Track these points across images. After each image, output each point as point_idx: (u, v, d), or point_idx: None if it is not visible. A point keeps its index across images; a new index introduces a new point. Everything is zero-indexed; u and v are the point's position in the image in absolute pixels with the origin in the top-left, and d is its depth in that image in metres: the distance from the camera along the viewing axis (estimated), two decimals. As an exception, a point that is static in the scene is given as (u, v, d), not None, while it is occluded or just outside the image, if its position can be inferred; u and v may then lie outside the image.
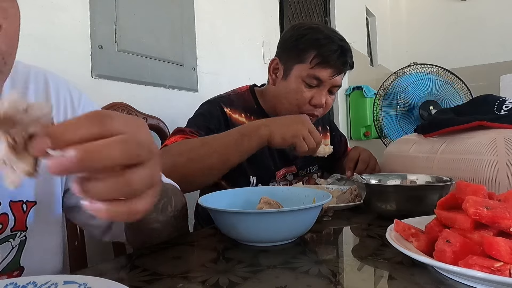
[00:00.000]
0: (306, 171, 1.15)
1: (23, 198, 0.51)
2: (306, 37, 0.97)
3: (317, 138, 0.82)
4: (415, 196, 0.65)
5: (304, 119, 0.85)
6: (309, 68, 0.96)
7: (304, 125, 0.82)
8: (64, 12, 1.03)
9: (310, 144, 0.81)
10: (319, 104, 0.99)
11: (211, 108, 1.01)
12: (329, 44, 0.95)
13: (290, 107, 1.00)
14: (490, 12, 3.99)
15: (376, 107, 1.66)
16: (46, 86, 0.55)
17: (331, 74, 0.96)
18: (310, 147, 0.81)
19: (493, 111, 0.84)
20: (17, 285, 0.35)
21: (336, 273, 0.43)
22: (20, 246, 0.51)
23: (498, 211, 0.38)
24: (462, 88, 1.53)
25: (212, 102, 1.03)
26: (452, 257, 0.37)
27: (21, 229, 0.51)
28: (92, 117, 0.26)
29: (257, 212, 0.53)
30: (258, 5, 2.00)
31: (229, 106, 1.02)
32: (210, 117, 0.97)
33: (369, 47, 3.89)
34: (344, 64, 0.97)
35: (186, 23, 1.48)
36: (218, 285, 0.40)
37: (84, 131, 0.25)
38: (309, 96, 0.98)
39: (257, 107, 1.07)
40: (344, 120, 3.15)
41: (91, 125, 0.26)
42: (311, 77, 0.96)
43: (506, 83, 2.04)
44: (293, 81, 0.98)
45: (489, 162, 0.69)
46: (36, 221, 0.52)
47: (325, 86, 0.98)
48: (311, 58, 0.95)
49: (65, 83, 0.58)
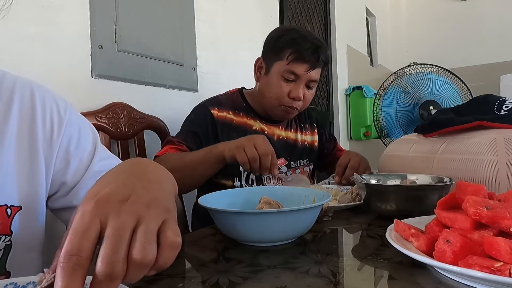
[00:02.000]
0: (297, 164, 1.21)
1: (7, 202, 0.50)
2: (283, 37, 1.08)
3: (262, 149, 0.84)
4: (415, 196, 0.65)
5: (254, 136, 0.90)
6: (286, 64, 1.06)
7: (251, 140, 0.87)
8: (64, 12, 1.03)
9: (250, 155, 0.83)
10: (297, 97, 1.08)
11: (198, 112, 1.13)
12: (303, 43, 1.05)
13: (271, 100, 1.11)
14: (490, 12, 3.99)
15: (376, 107, 1.66)
16: (31, 97, 0.55)
17: (306, 69, 1.06)
18: (250, 157, 0.83)
19: (493, 111, 0.84)
20: (17, 285, 0.35)
21: (336, 273, 0.43)
22: (5, 251, 0.51)
23: (498, 211, 0.38)
24: (462, 88, 1.53)
25: (201, 106, 1.14)
26: (452, 257, 0.37)
27: (6, 233, 0.50)
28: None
29: (257, 212, 0.53)
30: (258, 5, 2.00)
31: (216, 106, 1.12)
32: (198, 122, 1.10)
33: (369, 47, 3.89)
34: (317, 60, 1.07)
35: (186, 23, 1.48)
36: (218, 285, 0.40)
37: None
38: (287, 90, 1.08)
39: (246, 105, 1.17)
40: (344, 120, 3.15)
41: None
42: (288, 72, 1.06)
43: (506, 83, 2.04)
44: (273, 77, 1.09)
45: (489, 162, 0.69)
46: (21, 226, 0.52)
47: (302, 81, 1.08)
48: (287, 55, 1.06)
49: (51, 94, 0.58)
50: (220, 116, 1.11)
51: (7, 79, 0.55)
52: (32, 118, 0.54)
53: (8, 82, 0.54)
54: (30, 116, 0.54)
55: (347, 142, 3.15)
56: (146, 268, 0.28)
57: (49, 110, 0.56)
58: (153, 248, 0.28)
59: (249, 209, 0.61)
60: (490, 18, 3.97)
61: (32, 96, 0.55)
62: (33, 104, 0.55)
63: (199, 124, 1.09)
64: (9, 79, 0.55)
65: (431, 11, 4.36)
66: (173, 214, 0.33)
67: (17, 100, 0.54)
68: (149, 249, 0.28)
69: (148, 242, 0.28)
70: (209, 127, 1.09)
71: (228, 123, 1.11)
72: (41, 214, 0.56)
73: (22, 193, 0.52)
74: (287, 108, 1.11)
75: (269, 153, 0.85)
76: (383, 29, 4.22)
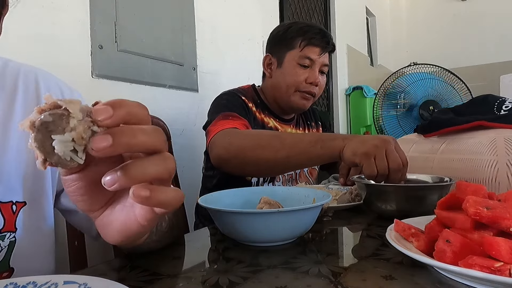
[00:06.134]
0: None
1: (12, 199, 0.50)
2: (291, 29, 1.12)
3: (393, 162, 0.67)
4: (415, 196, 0.65)
5: (388, 138, 0.71)
6: (299, 51, 1.10)
7: (382, 147, 0.68)
8: (64, 12, 1.03)
9: (380, 168, 0.67)
10: (315, 82, 1.11)
11: (232, 98, 1.08)
12: (311, 29, 1.11)
13: (288, 89, 1.11)
14: (490, 12, 3.99)
15: (376, 107, 1.66)
16: (36, 84, 0.54)
17: (319, 53, 1.11)
18: (379, 171, 0.67)
19: (493, 111, 0.84)
20: (17, 285, 0.35)
21: (336, 273, 0.43)
22: (9, 247, 0.50)
23: (498, 211, 0.38)
24: (462, 88, 1.53)
25: (230, 94, 1.11)
26: (452, 257, 0.37)
27: (11, 230, 0.50)
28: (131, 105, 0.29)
29: (257, 212, 0.53)
30: (258, 5, 2.00)
31: (244, 96, 1.11)
32: (238, 104, 1.06)
33: (369, 47, 3.89)
34: (328, 43, 1.12)
35: (186, 23, 1.48)
36: (218, 285, 0.40)
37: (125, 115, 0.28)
38: (305, 76, 1.11)
39: (260, 101, 1.17)
40: (344, 120, 3.15)
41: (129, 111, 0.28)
42: (303, 57, 1.10)
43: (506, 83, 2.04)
44: (288, 66, 1.11)
45: (489, 162, 0.69)
46: (26, 222, 0.51)
47: (317, 65, 1.11)
48: (299, 43, 1.10)
49: (56, 82, 0.57)
50: (249, 106, 1.10)
51: (11, 67, 0.53)
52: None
53: (12, 71, 0.53)
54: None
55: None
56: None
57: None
58: None
59: (249, 209, 0.61)
60: (490, 18, 3.97)
61: (36, 85, 0.54)
62: (38, 94, 0.54)
63: (239, 107, 1.04)
64: (13, 67, 0.54)
65: (431, 11, 4.36)
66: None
67: (21, 91, 0.53)
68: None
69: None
70: (247, 112, 1.05)
71: (253, 116, 1.10)
72: (48, 211, 0.55)
73: (27, 188, 0.51)
74: (304, 94, 1.11)
75: (401, 168, 0.68)
76: (383, 29, 4.22)
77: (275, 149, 0.79)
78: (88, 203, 0.33)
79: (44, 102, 0.27)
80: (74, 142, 0.26)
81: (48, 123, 0.26)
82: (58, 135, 0.26)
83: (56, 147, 0.26)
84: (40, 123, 0.26)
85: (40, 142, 0.26)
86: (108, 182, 0.27)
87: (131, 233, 0.33)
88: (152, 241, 0.48)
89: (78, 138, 0.26)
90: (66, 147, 0.26)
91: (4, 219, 0.49)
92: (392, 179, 0.68)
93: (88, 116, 0.27)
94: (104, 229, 0.35)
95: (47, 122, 0.26)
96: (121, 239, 0.34)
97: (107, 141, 0.26)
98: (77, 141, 0.26)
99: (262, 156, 0.80)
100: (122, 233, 0.33)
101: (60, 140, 0.26)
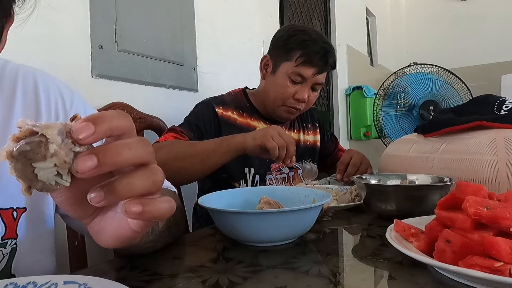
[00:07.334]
0: (300, 163, 1.20)
1: (13, 205, 0.49)
2: (294, 38, 1.07)
3: (286, 138, 0.86)
4: (415, 196, 0.65)
5: (274, 127, 0.91)
6: (294, 66, 1.06)
7: (274, 129, 0.87)
8: (64, 12, 1.03)
9: (279, 142, 0.84)
10: (302, 99, 1.09)
11: (203, 108, 1.11)
12: (313, 46, 1.05)
13: (275, 100, 1.11)
14: (490, 11, 3.98)
15: (376, 107, 1.66)
16: (35, 86, 0.53)
17: (313, 73, 1.07)
18: (279, 144, 0.84)
19: (493, 111, 0.84)
20: (17, 285, 0.35)
21: (336, 273, 0.43)
22: (11, 254, 0.49)
23: (498, 211, 0.38)
24: (462, 88, 1.53)
25: (206, 103, 1.13)
26: (452, 257, 0.37)
27: (12, 237, 0.49)
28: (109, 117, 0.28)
29: (257, 212, 0.53)
30: (258, 5, 2.00)
31: (221, 105, 1.11)
32: (202, 117, 1.08)
33: (369, 47, 3.89)
34: (326, 64, 1.07)
35: (186, 23, 1.48)
36: (218, 285, 0.40)
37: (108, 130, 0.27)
38: (293, 91, 1.09)
39: (249, 105, 1.17)
40: (344, 120, 3.15)
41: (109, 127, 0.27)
42: (296, 74, 1.07)
43: (507, 83, 2.04)
44: (280, 77, 1.09)
45: (489, 162, 0.69)
46: (27, 228, 0.51)
47: (308, 83, 1.09)
48: (296, 57, 1.06)
49: (55, 84, 0.56)
50: (224, 115, 1.10)
51: (9, 69, 0.53)
52: (36, 113, 0.52)
53: (11, 72, 0.53)
54: (34, 111, 0.52)
55: (347, 142, 3.15)
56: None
57: (54, 104, 0.54)
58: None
59: (249, 209, 0.61)
60: (490, 18, 3.97)
61: (35, 86, 0.53)
62: (37, 97, 0.53)
63: (204, 119, 1.07)
64: (11, 68, 0.53)
65: (431, 11, 4.35)
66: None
67: (20, 93, 0.52)
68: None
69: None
70: (212, 124, 1.07)
71: (232, 123, 1.10)
72: (48, 216, 0.54)
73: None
74: (289, 109, 1.11)
75: (293, 142, 0.87)
76: (383, 29, 4.22)
77: (190, 156, 0.89)
78: (78, 212, 0.32)
79: (18, 129, 0.25)
80: (57, 167, 0.25)
81: (26, 152, 0.24)
82: (39, 162, 0.24)
83: (38, 174, 0.25)
84: (17, 152, 0.24)
85: (20, 171, 0.25)
86: (95, 200, 0.27)
87: (124, 238, 0.33)
88: (148, 241, 0.48)
89: (60, 163, 0.25)
90: (50, 173, 0.25)
91: (5, 226, 0.48)
92: (291, 151, 0.85)
93: (68, 136, 0.26)
94: (97, 235, 0.34)
95: (24, 151, 0.24)
96: (114, 244, 0.34)
97: (92, 162, 0.25)
98: (60, 165, 0.25)
99: (181, 165, 0.89)
100: (116, 238, 0.33)
101: (41, 168, 0.25)
